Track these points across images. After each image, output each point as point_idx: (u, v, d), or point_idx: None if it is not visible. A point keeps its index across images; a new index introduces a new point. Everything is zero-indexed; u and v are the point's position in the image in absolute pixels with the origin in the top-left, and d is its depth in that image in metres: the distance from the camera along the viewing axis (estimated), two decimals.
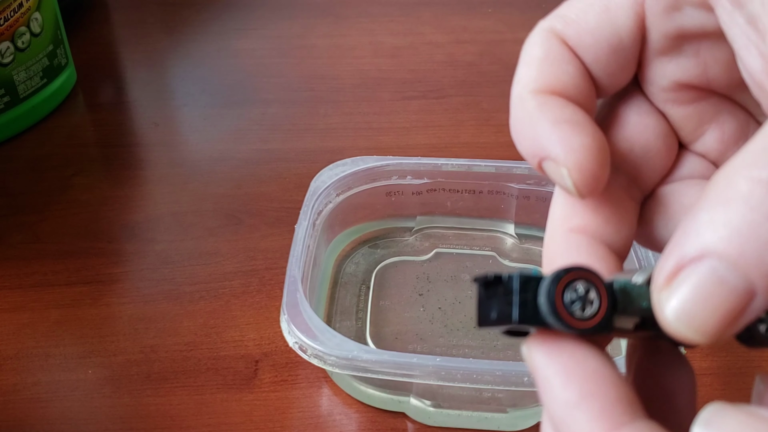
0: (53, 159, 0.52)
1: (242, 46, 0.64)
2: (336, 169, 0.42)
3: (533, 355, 0.15)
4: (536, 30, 0.18)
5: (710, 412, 0.14)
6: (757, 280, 0.13)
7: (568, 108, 0.17)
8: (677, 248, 0.14)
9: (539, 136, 0.17)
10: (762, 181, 0.13)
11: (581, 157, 0.16)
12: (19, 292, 0.42)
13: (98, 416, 0.36)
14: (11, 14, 0.50)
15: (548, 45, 0.18)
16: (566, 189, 0.17)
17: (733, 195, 0.13)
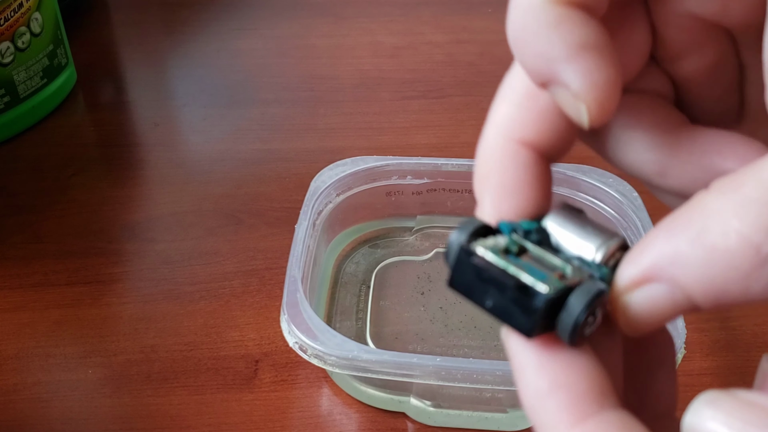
0: (53, 159, 0.52)
1: (242, 46, 0.64)
2: (336, 169, 0.42)
3: (510, 342, 0.15)
4: None
5: (702, 400, 0.14)
6: (701, 301, 0.14)
7: (591, 27, 0.15)
8: (643, 258, 0.15)
9: (554, 59, 0.15)
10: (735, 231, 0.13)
11: (604, 94, 0.15)
12: (19, 292, 0.42)
13: (98, 416, 0.36)
14: (11, 14, 0.50)
15: None
16: (575, 117, 0.16)
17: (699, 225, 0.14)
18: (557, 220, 0.17)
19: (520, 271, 0.15)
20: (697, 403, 0.14)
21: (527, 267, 0.15)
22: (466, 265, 0.16)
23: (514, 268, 0.15)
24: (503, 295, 0.15)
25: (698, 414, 0.13)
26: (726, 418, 0.13)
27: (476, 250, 0.15)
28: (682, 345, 0.33)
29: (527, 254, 0.16)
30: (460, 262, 0.16)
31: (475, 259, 0.15)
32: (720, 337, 0.40)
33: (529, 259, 0.16)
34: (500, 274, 0.15)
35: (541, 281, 0.15)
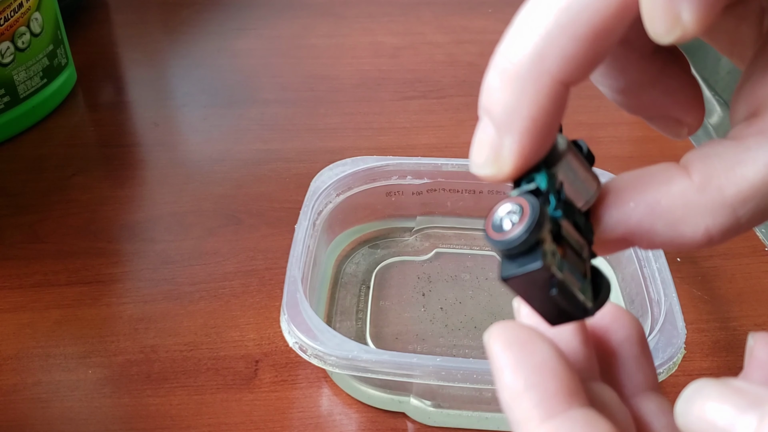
0: (53, 159, 0.52)
1: (242, 46, 0.64)
2: (336, 169, 0.42)
3: (491, 344, 0.17)
4: None
5: (693, 388, 0.15)
6: None
7: None
8: None
9: None
10: None
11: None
12: (19, 292, 0.42)
13: (98, 416, 0.36)
14: (11, 14, 0.50)
15: None
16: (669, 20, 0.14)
17: None
18: (571, 164, 0.17)
19: (576, 287, 0.16)
20: (688, 391, 0.15)
21: (578, 278, 0.17)
22: (539, 281, 0.16)
23: (577, 285, 0.16)
24: (558, 305, 0.16)
25: (689, 401, 0.14)
26: (715, 405, 0.14)
27: (554, 273, 0.16)
28: (682, 345, 0.33)
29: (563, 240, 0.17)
30: (535, 276, 0.16)
31: (551, 279, 0.16)
32: (720, 337, 0.40)
33: (568, 251, 0.17)
34: (569, 295, 0.16)
35: (587, 299, 0.17)
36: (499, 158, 0.16)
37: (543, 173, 0.16)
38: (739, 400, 0.14)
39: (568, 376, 0.16)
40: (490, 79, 0.16)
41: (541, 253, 0.15)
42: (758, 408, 0.14)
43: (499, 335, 0.17)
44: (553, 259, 0.16)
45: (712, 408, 0.14)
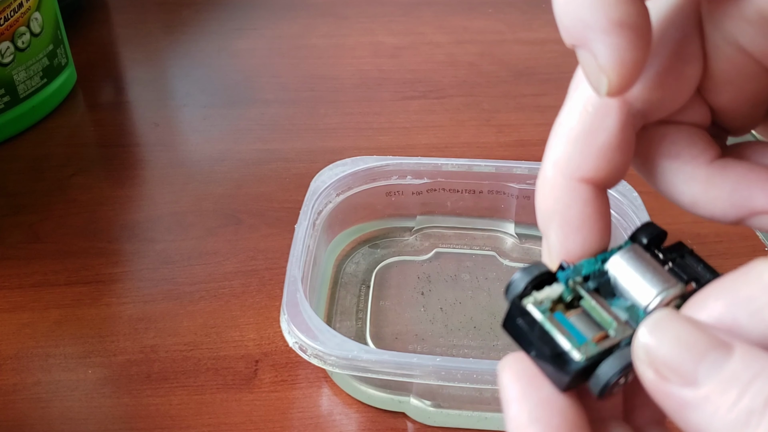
0: (53, 159, 0.52)
1: (242, 46, 0.64)
2: (336, 169, 0.42)
3: (502, 375, 0.17)
4: None
5: (657, 316, 0.15)
6: None
7: (635, 6, 0.16)
8: None
9: (591, 27, 0.15)
10: None
11: (628, 73, 0.16)
12: (19, 292, 0.42)
13: (98, 416, 0.36)
14: (11, 14, 0.50)
15: None
16: (593, 84, 0.16)
17: None
18: (622, 259, 0.17)
19: (560, 334, 0.17)
20: (653, 317, 0.15)
21: (570, 328, 0.17)
22: (516, 318, 0.17)
23: (556, 331, 0.17)
24: (543, 352, 0.17)
25: (653, 330, 0.15)
26: (667, 338, 0.15)
27: (526, 306, 0.17)
28: None
29: (580, 306, 0.17)
30: (512, 314, 0.17)
31: (524, 315, 0.17)
32: None
33: (578, 313, 0.17)
34: (542, 334, 0.17)
35: (577, 348, 0.16)
36: (547, 254, 0.19)
37: (558, 274, 0.18)
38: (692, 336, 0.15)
39: (573, 413, 0.16)
40: (537, 183, 0.19)
41: (523, 302, 0.17)
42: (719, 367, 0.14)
43: (510, 366, 0.17)
44: (531, 300, 0.17)
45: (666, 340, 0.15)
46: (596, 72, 0.16)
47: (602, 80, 0.16)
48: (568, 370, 0.16)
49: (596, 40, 0.15)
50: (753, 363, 0.14)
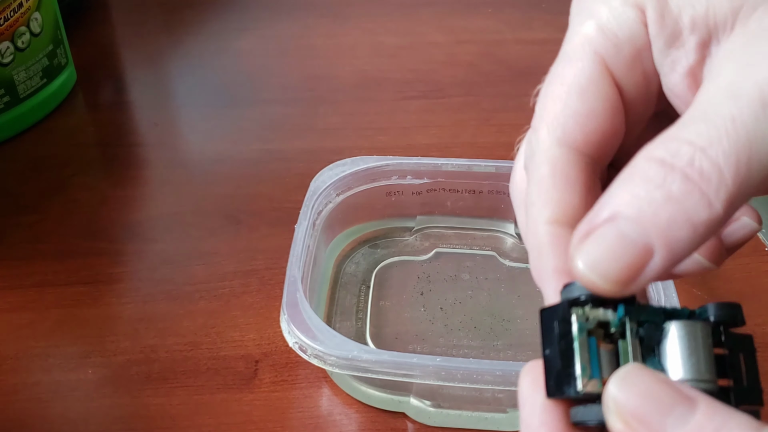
0: (53, 159, 0.52)
1: (242, 46, 0.64)
2: (336, 169, 0.42)
3: (521, 379, 0.18)
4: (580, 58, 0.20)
5: (626, 370, 0.16)
6: (654, 239, 0.16)
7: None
8: (591, 215, 0.17)
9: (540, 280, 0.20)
10: (656, 159, 0.16)
11: None
12: (19, 292, 0.42)
13: (98, 416, 0.36)
14: (11, 14, 0.50)
15: None
16: None
17: (636, 171, 0.17)
18: (680, 328, 0.17)
19: (580, 358, 0.17)
20: (622, 371, 0.16)
21: (593, 357, 0.17)
22: (555, 319, 0.18)
23: (579, 353, 0.17)
24: (554, 361, 0.17)
25: (621, 383, 0.16)
26: (635, 393, 0.16)
27: (570, 315, 0.17)
28: None
29: (617, 342, 0.17)
30: (555, 311, 0.18)
31: (564, 320, 0.17)
32: None
33: (610, 349, 0.17)
34: (566, 347, 0.17)
35: (585, 379, 0.17)
36: None
37: (620, 306, 0.18)
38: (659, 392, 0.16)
39: None
40: None
41: (572, 310, 0.17)
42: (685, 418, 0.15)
43: (529, 372, 0.18)
44: (580, 312, 0.17)
45: (634, 394, 0.16)
46: None
47: None
48: (562, 390, 0.17)
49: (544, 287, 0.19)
50: (715, 416, 0.15)
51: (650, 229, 0.16)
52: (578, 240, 0.17)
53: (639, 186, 0.16)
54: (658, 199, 0.16)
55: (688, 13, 0.18)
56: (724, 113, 0.16)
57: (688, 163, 0.16)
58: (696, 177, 0.16)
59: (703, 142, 0.16)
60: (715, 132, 0.16)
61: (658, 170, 0.16)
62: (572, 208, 0.19)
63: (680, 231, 0.16)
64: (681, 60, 0.19)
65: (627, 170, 0.17)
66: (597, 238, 0.17)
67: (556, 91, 0.20)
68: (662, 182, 0.16)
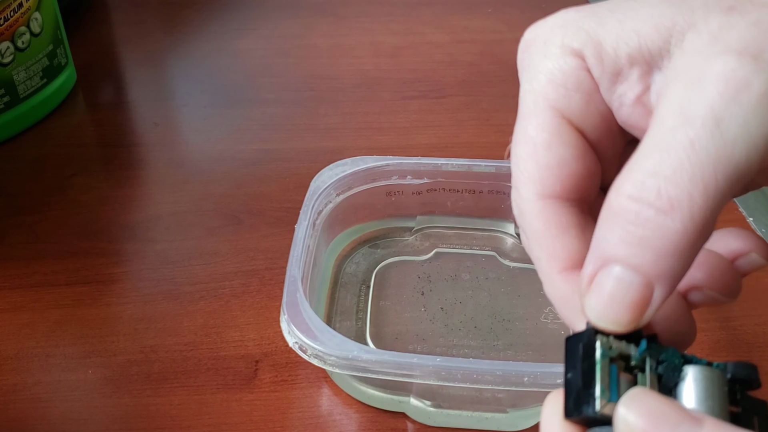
0: (53, 159, 0.52)
1: (242, 46, 0.64)
2: (336, 169, 0.42)
3: (544, 407, 0.19)
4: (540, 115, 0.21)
5: (635, 392, 0.17)
6: (648, 275, 0.17)
7: None
8: (587, 263, 0.18)
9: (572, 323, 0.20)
10: (626, 195, 0.17)
11: None
12: (19, 292, 0.42)
13: (98, 416, 0.36)
14: (11, 14, 0.50)
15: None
16: None
17: (612, 211, 0.18)
18: (697, 374, 0.18)
19: (601, 381, 0.18)
20: (630, 393, 0.17)
21: (613, 382, 0.18)
22: (580, 342, 0.18)
23: (600, 376, 0.18)
24: (575, 382, 0.18)
25: (629, 405, 0.17)
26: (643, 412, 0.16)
27: (595, 342, 0.18)
28: None
29: (636, 375, 0.18)
30: (580, 337, 0.19)
31: (588, 346, 0.18)
32: (721, 337, 0.40)
33: (629, 379, 0.18)
34: (588, 370, 0.18)
35: (604, 401, 0.17)
36: None
37: (643, 341, 0.19)
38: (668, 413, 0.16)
39: None
40: None
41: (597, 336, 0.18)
42: None
43: (551, 399, 0.19)
44: (604, 340, 0.18)
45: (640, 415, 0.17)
46: None
47: None
48: (581, 409, 0.18)
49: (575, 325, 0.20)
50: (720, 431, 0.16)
51: (642, 268, 0.17)
52: (583, 291, 0.18)
53: (619, 227, 0.17)
54: (640, 237, 0.17)
55: (623, 51, 0.19)
56: (682, 139, 0.17)
57: (656, 196, 0.17)
58: (667, 207, 0.17)
59: (666, 171, 0.17)
60: (676, 159, 0.17)
61: (631, 206, 0.17)
62: (576, 251, 0.20)
63: (669, 260, 0.17)
64: (627, 93, 0.20)
65: (605, 209, 0.18)
66: (597, 287, 0.18)
67: (525, 150, 0.21)
68: (636, 219, 0.17)
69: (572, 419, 0.18)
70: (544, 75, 0.21)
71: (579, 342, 0.18)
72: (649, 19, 0.19)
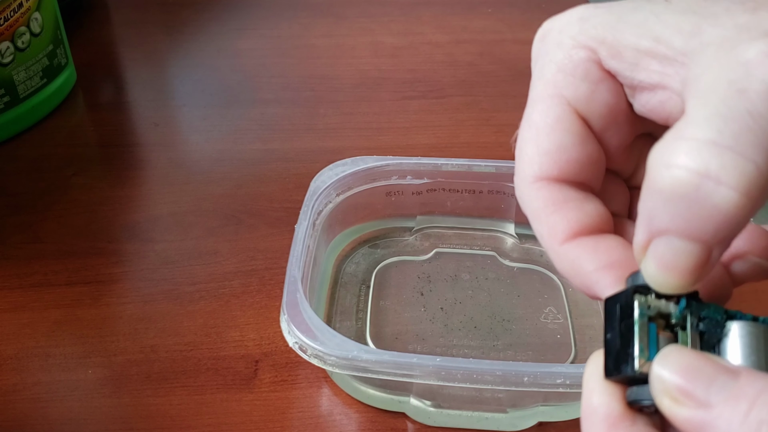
0: (53, 159, 0.52)
1: (242, 46, 0.64)
2: (336, 169, 0.42)
3: (586, 368, 0.19)
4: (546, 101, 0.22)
5: (668, 350, 0.17)
6: (710, 242, 0.17)
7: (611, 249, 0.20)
8: (640, 230, 0.18)
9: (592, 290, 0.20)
10: (687, 168, 0.17)
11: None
12: (19, 292, 0.42)
13: (98, 416, 0.36)
14: (11, 14, 0.50)
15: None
16: None
17: (667, 184, 0.17)
18: (743, 328, 0.18)
19: (639, 340, 0.18)
20: (664, 350, 0.17)
21: (652, 341, 0.18)
22: (618, 303, 0.18)
23: (639, 336, 0.18)
24: (614, 342, 0.18)
25: (664, 361, 0.17)
26: (677, 369, 0.17)
27: (633, 301, 0.18)
28: None
29: (676, 333, 0.18)
30: (619, 297, 0.19)
31: (627, 306, 0.18)
32: None
33: (669, 337, 0.18)
34: (626, 330, 0.18)
35: (642, 360, 0.18)
36: None
37: (682, 299, 0.19)
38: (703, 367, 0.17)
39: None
40: None
41: (635, 296, 0.18)
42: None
43: (592, 359, 0.19)
44: (642, 300, 0.18)
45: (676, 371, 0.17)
46: None
47: None
48: (620, 369, 0.18)
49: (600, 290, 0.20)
50: (757, 382, 0.16)
51: (702, 238, 0.17)
52: (638, 258, 0.18)
53: (674, 200, 0.17)
54: (699, 210, 0.17)
55: (644, 45, 0.20)
56: (739, 109, 0.16)
57: (719, 167, 0.16)
58: (729, 179, 0.16)
59: (727, 141, 0.16)
60: (737, 128, 0.16)
61: (690, 179, 0.17)
62: (575, 221, 0.21)
63: (728, 229, 0.17)
64: (646, 80, 0.20)
65: (653, 180, 0.18)
66: (653, 255, 0.18)
67: (528, 134, 0.22)
68: (696, 193, 0.17)
69: (613, 379, 0.18)
70: (555, 64, 0.21)
71: (617, 302, 0.18)
72: (671, 22, 0.19)
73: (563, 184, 0.21)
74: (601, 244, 0.21)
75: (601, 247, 0.20)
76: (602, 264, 0.20)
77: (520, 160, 0.22)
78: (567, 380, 0.32)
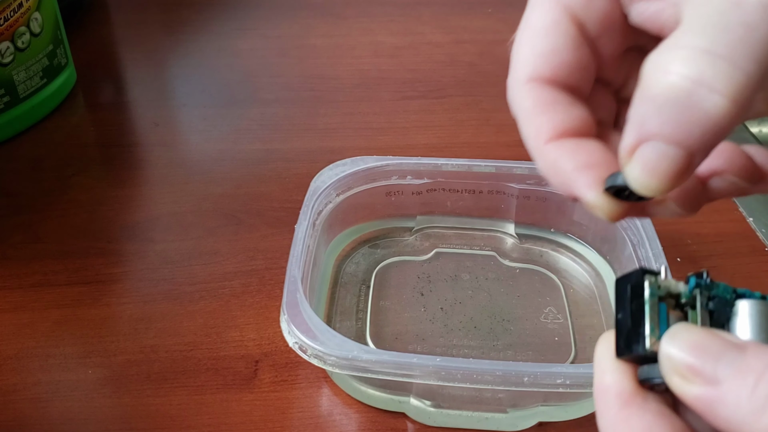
0: (53, 159, 0.52)
1: (242, 46, 0.64)
2: (336, 169, 0.42)
3: (597, 348, 0.20)
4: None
5: (676, 328, 0.18)
6: (695, 148, 0.17)
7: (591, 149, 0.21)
8: (629, 133, 0.18)
9: (570, 186, 0.20)
10: (677, 74, 0.17)
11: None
12: (19, 292, 0.42)
13: (98, 416, 0.36)
14: (11, 14, 0.50)
15: None
16: None
17: (659, 89, 0.17)
18: (753, 307, 0.18)
19: (650, 319, 0.18)
20: (673, 328, 0.18)
21: (663, 320, 0.18)
22: (629, 284, 0.19)
23: (649, 315, 0.18)
24: (625, 321, 0.18)
25: (673, 338, 0.17)
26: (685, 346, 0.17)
27: (644, 282, 0.18)
28: None
29: (686, 312, 0.18)
30: (629, 278, 0.19)
31: (637, 286, 0.18)
32: None
33: (679, 316, 0.18)
34: (637, 309, 0.18)
35: (652, 338, 0.18)
36: None
37: (692, 278, 0.19)
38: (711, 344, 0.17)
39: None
40: None
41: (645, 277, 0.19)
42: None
43: (603, 339, 0.20)
44: (653, 280, 0.18)
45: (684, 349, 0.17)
46: None
47: None
48: (631, 348, 0.18)
49: (578, 189, 0.20)
50: (764, 355, 0.16)
51: (687, 144, 0.17)
52: (624, 161, 0.19)
53: (667, 106, 0.17)
54: (689, 116, 0.17)
55: None
56: (736, 20, 0.17)
57: (712, 75, 0.17)
58: (721, 86, 0.17)
59: (721, 49, 0.17)
60: (733, 37, 0.17)
61: (683, 85, 0.17)
62: (561, 123, 0.21)
63: (713, 136, 0.17)
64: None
65: (646, 86, 0.18)
66: (639, 159, 0.18)
67: (525, 36, 0.22)
68: (688, 99, 0.17)
69: (624, 358, 0.19)
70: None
71: (627, 283, 0.19)
72: None
73: (554, 86, 0.22)
74: (583, 146, 0.21)
75: (582, 149, 0.21)
76: (582, 164, 0.20)
77: (515, 60, 0.22)
78: (567, 380, 0.32)
